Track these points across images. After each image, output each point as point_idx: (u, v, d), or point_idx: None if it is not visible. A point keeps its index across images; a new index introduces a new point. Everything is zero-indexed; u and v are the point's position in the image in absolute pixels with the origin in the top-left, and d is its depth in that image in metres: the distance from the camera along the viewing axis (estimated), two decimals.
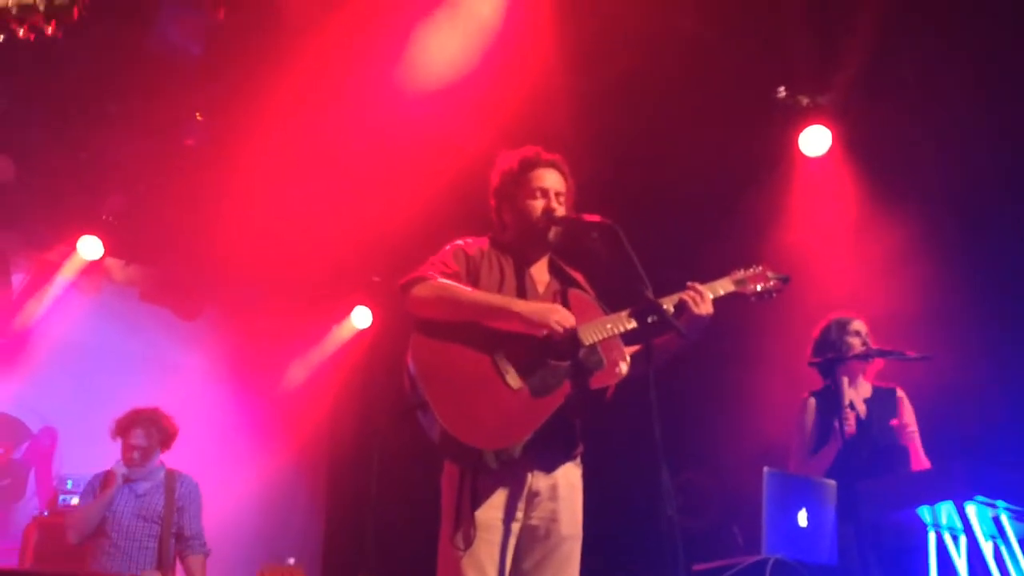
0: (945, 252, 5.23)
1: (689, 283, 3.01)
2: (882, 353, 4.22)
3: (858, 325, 4.50)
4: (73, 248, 6.86)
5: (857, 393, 4.51)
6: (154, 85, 5.46)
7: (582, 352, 2.87)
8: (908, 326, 4.89)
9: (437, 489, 2.98)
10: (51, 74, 5.44)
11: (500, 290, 3.04)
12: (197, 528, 5.12)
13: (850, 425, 4.21)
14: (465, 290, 2.97)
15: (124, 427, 5.08)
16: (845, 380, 4.39)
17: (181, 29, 4.94)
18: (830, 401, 4.37)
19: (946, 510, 3.87)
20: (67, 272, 7.05)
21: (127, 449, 5.04)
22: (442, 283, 2.97)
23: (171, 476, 5.13)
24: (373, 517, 5.71)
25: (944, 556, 3.90)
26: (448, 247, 3.15)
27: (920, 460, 4.40)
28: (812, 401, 4.56)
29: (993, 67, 4.96)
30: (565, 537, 2.93)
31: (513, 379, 2.84)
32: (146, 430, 5.06)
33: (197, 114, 5.80)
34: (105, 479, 5.04)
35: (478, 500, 2.82)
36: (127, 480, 5.03)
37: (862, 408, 4.47)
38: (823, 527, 4.02)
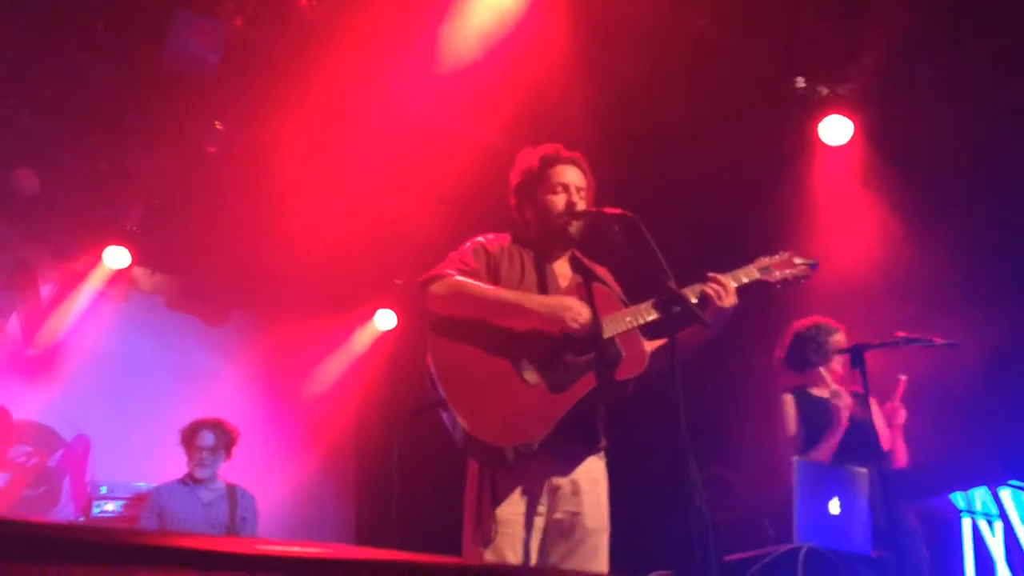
0: (968, 238, 5.17)
1: (710, 274, 2.94)
2: (909, 340, 4.17)
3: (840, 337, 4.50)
4: (99, 258, 6.93)
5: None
6: (174, 94, 5.50)
7: (601, 346, 2.85)
8: (934, 311, 4.85)
9: (461, 483, 2.99)
10: (72, 87, 5.50)
11: (520, 286, 3.02)
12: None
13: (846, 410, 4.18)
14: (482, 287, 2.96)
15: (191, 432, 5.32)
16: (825, 374, 4.43)
17: (198, 39, 4.96)
18: (806, 398, 4.51)
19: (980, 495, 3.85)
20: (94, 282, 7.11)
21: (194, 451, 5.27)
22: (459, 280, 2.96)
23: (232, 489, 5.35)
24: (396, 510, 5.79)
25: (979, 541, 3.88)
26: (468, 244, 3.15)
27: (903, 456, 4.35)
28: (790, 397, 4.57)
29: (1017, 56, 4.90)
30: (590, 531, 2.92)
31: (531, 375, 2.84)
32: (214, 432, 5.31)
33: (217, 123, 5.83)
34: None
35: (498, 497, 2.84)
36: (196, 481, 5.23)
37: (849, 401, 4.41)
38: (856, 515, 3.97)
